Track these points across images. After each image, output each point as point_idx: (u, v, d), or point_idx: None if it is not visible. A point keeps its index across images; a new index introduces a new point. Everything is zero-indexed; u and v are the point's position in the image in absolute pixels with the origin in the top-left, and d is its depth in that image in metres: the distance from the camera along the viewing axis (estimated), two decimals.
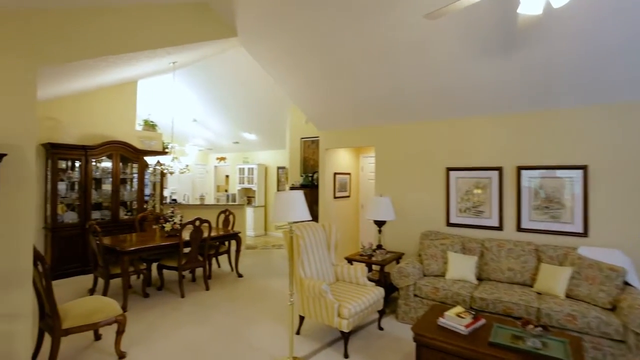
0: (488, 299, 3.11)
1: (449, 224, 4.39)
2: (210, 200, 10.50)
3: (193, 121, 8.95)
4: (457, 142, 4.38)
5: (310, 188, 6.38)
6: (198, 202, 7.89)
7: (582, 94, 3.41)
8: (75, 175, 5.45)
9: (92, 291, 4.44)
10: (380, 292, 3.45)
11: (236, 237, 5.37)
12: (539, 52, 3.09)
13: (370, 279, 3.99)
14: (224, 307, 4.09)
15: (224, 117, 8.55)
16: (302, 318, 3.44)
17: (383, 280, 4.04)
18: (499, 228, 4.01)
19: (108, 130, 5.94)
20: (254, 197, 9.60)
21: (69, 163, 5.45)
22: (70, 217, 5.38)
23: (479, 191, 4.20)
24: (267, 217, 9.55)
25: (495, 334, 2.29)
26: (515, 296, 3.06)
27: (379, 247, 4.47)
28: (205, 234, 4.69)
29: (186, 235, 4.58)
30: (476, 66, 3.46)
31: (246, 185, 9.72)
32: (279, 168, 9.33)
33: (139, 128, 6.62)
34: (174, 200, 8.31)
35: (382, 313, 3.55)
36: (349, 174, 6.42)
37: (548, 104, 3.67)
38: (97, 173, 5.70)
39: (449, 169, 4.42)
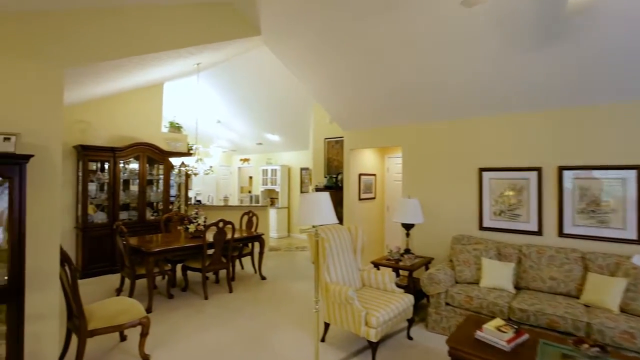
0: (529, 311, 2.87)
1: (482, 228, 4.14)
2: (234, 201, 10.58)
3: (217, 122, 9.03)
4: (490, 141, 4.12)
5: (334, 189, 6.25)
6: (222, 204, 7.94)
7: (638, 87, 3.10)
8: (105, 176, 5.57)
9: (119, 291, 4.49)
10: (409, 299, 3.27)
11: (259, 239, 5.31)
12: (587, 41, 2.82)
13: (397, 285, 3.81)
14: (248, 311, 4.02)
15: (247, 118, 8.57)
16: (327, 325, 3.31)
17: (412, 286, 3.85)
18: (538, 233, 3.72)
19: (135, 132, 6.05)
20: (277, 198, 9.57)
21: (99, 164, 5.58)
22: (100, 217, 5.51)
23: (516, 193, 3.93)
24: (291, 219, 9.49)
25: (543, 353, 2.07)
26: (560, 308, 2.80)
27: (407, 251, 4.27)
28: (229, 236, 4.65)
29: (210, 236, 4.56)
30: (514, 59, 3.22)
31: (269, 186, 9.71)
32: (302, 169, 9.26)
33: (164, 130, 6.72)
34: (199, 201, 8.41)
35: (411, 322, 3.36)
36: (374, 174, 6.24)
37: (595, 99, 3.37)
38: (125, 174, 5.81)
39: (482, 170, 4.17)
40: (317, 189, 6.65)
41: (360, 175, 5.84)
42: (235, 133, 9.62)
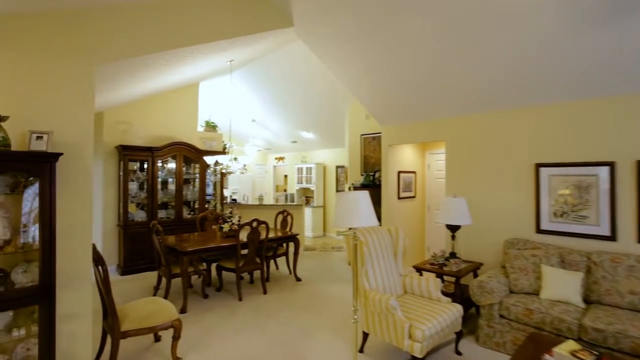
0: (606, 331, 2.44)
1: (540, 231, 3.68)
2: (269, 200, 10.58)
3: (252, 121, 9.03)
4: (550, 132, 3.65)
5: (371, 188, 5.96)
6: (257, 202, 7.91)
7: None
8: (144, 175, 5.68)
9: (156, 289, 4.51)
10: (458, 310, 2.94)
11: (294, 239, 5.16)
12: None
13: (443, 293, 3.47)
14: (282, 314, 3.86)
15: (282, 117, 8.49)
16: (366, 334, 3.06)
17: (459, 294, 3.50)
18: (611, 238, 3.22)
19: (172, 132, 6.13)
20: (312, 197, 9.43)
21: (138, 164, 5.70)
22: (140, 215, 5.63)
23: (581, 192, 3.44)
24: (326, 218, 9.31)
25: None
26: None
27: (453, 255, 3.91)
28: (263, 236, 4.53)
29: (244, 236, 4.46)
30: (582, 37, 2.77)
31: (304, 185, 9.58)
32: (337, 167, 9.04)
33: (200, 129, 6.77)
34: (234, 200, 8.45)
35: (459, 334, 3.02)
36: (414, 172, 5.88)
37: None
38: (163, 173, 5.90)
39: (539, 165, 3.71)
40: (354, 188, 6.40)
41: (399, 172, 5.52)
42: (269, 132, 9.59)
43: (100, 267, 2.53)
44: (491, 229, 4.06)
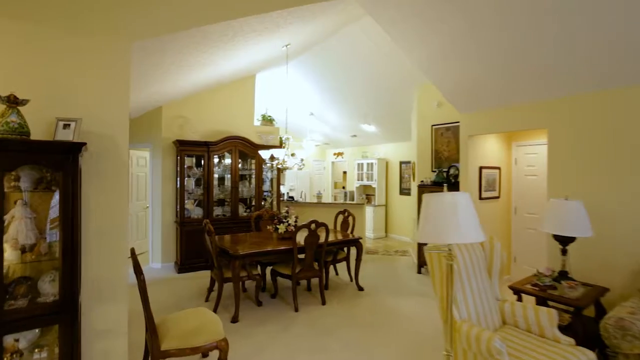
0: None
1: None
2: (327, 197, 10.11)
3: (310, 115, 8.60)
4: None
5: (444, 186, 5.13)
6: (315, 200, 7.47)
7: None
8: (200, 171, 5.51)
9: (209, 291, 4.24)
10: (587, 358, 2.11)
11: (357, 243, 4.57)
12: None
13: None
14: (342, 334, 3.31)
15: (341, 109, 7.92)
16: None
17: (581, 330, 2.62)
18: None
19: (229, 126, 5.90)
20: (373, 195, 8.74)
21: (194, 159, 5.55)
22: (197, 212, 5.48)
23: None
24: (388, 218, 8.58)
25: None
26: None
27: (563, 274, 3.01)
28: (322, 239, 4.02)
29: (301, 238, 3.98)
30: None
31: (365, 182, 8.93)
32: (401, 163, 8.24)
33: (257, 123, 6.48)
34: (291, 197, 8.09)
35: None
36: (498, 168, 4.93)
37: None
38: (219, 169, 5.70)
39: None
40: (422, 185, 5.60)
41: (480, 168, 4.63)
42: (328, 125, 9.09)
43: (138, 277, 2.20)
44: (619, 243, 3.07)
